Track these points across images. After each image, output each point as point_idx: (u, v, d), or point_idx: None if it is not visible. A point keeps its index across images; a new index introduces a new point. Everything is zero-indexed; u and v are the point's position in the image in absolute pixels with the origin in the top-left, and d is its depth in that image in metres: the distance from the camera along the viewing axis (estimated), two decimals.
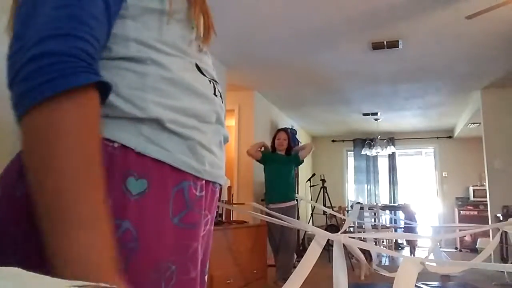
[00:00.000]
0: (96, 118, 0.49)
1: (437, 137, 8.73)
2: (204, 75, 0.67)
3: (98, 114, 0.50)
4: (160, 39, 0.61)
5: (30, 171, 0.47)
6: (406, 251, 7.43)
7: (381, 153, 8.35)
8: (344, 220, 4.34)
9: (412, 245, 6.92)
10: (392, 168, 9.02)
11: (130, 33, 0.58)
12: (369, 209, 6.86)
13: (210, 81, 0.68)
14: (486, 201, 5.77)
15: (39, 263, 0.45)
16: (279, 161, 4.66)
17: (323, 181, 6.19)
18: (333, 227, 6.38)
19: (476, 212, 7.88)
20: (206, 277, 0.76)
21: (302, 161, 4.87)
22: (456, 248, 7.94)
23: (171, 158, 0.58)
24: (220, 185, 0.71)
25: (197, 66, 0.66)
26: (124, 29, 0.58)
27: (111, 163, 0.53)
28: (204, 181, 0.64)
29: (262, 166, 4.81)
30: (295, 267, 2.43)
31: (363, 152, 8.67)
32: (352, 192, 9.22)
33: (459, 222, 7.87)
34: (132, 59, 0.58)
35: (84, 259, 0.45)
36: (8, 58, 0.48)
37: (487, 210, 5.73)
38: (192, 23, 0.65)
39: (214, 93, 0.68)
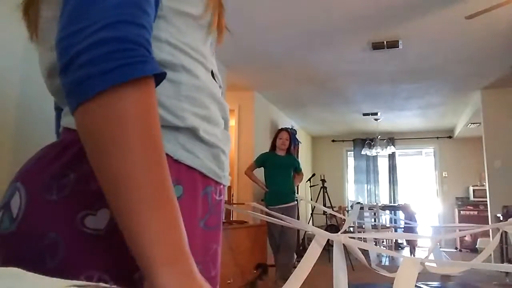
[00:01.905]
0: (156, 106, 0.49)
1: (437, 137, 8.73)
2: (216, 80, 0.68)
3: (156, 103, 0.50)
4: (188, 43, 0.61)
5: (96, 157, 0.46)
6: (406, 251, 7.43)
7: (381, 153, 8.36)
8: (344, 220, 4.34)
9: (412, 245, 6.92)
10: (392, 168, 9.02)
11: (162, 34, 0.58)
12: (369, 209, 6.87)
13: (220, 87, 0.70)
14: (486, 201, 5.77)
15: (78, 271, 0.46)
16: (279, 163, 4.65)
17: (323, 181, 6.19)
18: (333, 227, 6.38)
19: (476, 212, 7.88)
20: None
21: (301, 169, 4.89)
22: (456, 248, 7.94)
23: (201, 165, 0.61)
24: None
25: (212, 72, 0.67)
26: (157, 30, 0.57)
27: None
28: (222, 186, 0.67)
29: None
30: (295, 267, 2.43)
31: (363, 152, 8.67)
32: (352, 192, 9.22)
33: (459, 222, 7.87)
34: (165, 65, 0.58)
35: (163, 239, 0.46)
36: (61, 39, 0.46)
37: (487, 210, 5.73)
38: (210, 28, 0.65)
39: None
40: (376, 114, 7.26)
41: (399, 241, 7.76)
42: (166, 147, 0.54)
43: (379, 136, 8.19)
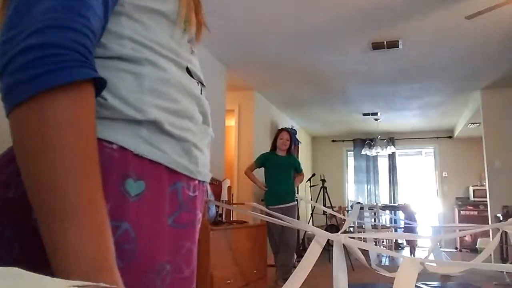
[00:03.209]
0: (91, 113, 0.48)
1: (437, 137, 8.73)
2: (193, 77, 0.67)
3: (93, 109, 0.49)
4: (155, 40, 0.60)
5: (23, 164, 0.46)
6: (406, 251, 7.43)
7: (381, 153, 8.36)
8: (344, 220, 4.34)
9: (412, 245, 6.92)
10: (392, 168, 9.02)
11: (124, 31, 0.58)
12: (369, 209, 6.87)
13: (198, 83, 0.69)
14: (486, 201, 5.77)
15: (38, 267, 0.44)
16: (279, 163, 4.65)
17: (323, 181, 6.19)
18: (333, 227, 6.38)
19: (476, 212, 7.88)
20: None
21: (301, 169, 4.89)
22: (456, 248, 7.94)
23: (167, 159, 0.58)
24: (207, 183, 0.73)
25: (187, 68, 0.66)
26: (119, 27, 0.57)
27: (110, 164, 0.53)
28: (197, 182, 0.65)
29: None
30: (295, 267, 2.43)
31: (363, 152, 8.67)
32: (352, 192, 9.22)
33: (459, 222, 7.88)
34: (128, 59, 0.57)
35: (81, 252, 0.44)
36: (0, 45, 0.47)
37: (487, 210, 5.73)
38: (184, 24, 0.65)
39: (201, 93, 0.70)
40: (376, 114, 7.26)
41: (399, 241, 7.76)
42: (125, 142, 0.55)
43: (379, 136, 8.19)
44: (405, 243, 7.75)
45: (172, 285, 0.59)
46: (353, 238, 2.09)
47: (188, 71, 0.66)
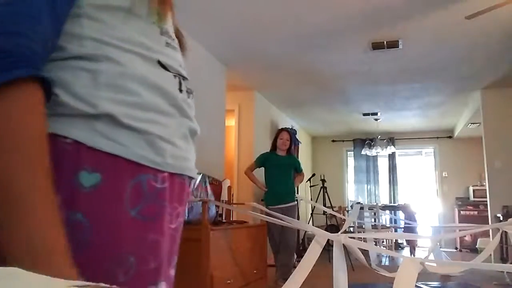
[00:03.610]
0: (36, 111, 0.50)
1: (437, 137, 8.73)
2: (168, 70, 0.67)
3: (38, 108, 0.51)
4: (118, 36, 0.61)
5: None
6: (406, 251, 7.43)
7: (381, 153, 8.36)
8: (344, 220, 4.34)
9: (412, 245, 6.92)
10: (392, 168, 9.02)
11: (84, 31, 0.59)
12: (369, 209, 6.87)
13: (175, 76, 0.69)
14: (486, 201, 5.77)
15: None
16: (279, 163, 4.65)
17: (323, 181, 6.19)
18: (333, 227, 6.38)
19: (476, 212, 7.88)
20: (173, 270, 0.76)
21: (301, 169, 4.89)
22: (456, 248, 7.94)
23: (126, 152, 0.59)
24: (191, 177, 0.72)
25: (159, 62, 0.66)
26: (79, 28, 0.59)
27: (63, 158, 0.55)
28: (166, 174, 0.64)
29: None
30: (295, 267, 2.43)
31: (363, 152, 8.67)
32: (352, 192, 9.22)
33: (459, 222, 7.88)
34: (86, 57, 0.59)
35: (32, 237, 0.46)
36: None
37: (487, 210, 5.73)
38: (153, 17, 0.66)
39: (180, 88, 0.69)
40: (376, 114, 7.26)
41: (399, 241, 7.76)
42: (79, 136, 0.56)
43: (379, 136, 8.19)
44: (405, 243, 7.75)
45: (137, 276, 0.59)
46: (353, 238, 2.09)
47: (161, 64, 0.66)
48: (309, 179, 6.79)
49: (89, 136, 0.57)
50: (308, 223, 5.78)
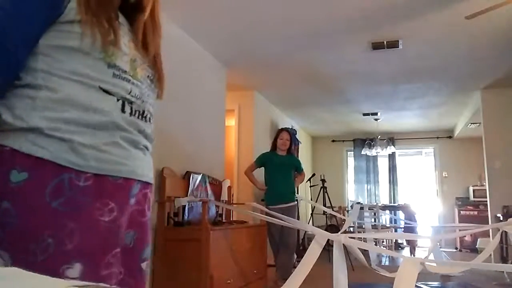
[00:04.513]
0: None
1: (437, 137, 8.73)
2: (112, 94, 0.83)
3: None
4: (65, 69, 0.79)
5: None
6: (406, 251, 7.43)
7: (381, 153, 8.35)
8: (344, 220, 4.34)
9: (412, 245, 6.92)
10: (392, 168, 9.02)
11: (38, 65, 0.78)
12: (369, 209, 6.87)
13: (118, 100, 0.84)
14: (486, 201, 5.77)
15: None
16: (279, 163, 4.65)
17: (323, 181, 6.18)
18: (333, 227, 6.38)
19: (476, 212, 7.88)
20: (144, 264, 0.93)
21: (302, 169, 4.89)
22: (456, 248, 7.94)
23: (50, 155, 0.75)
24: (128, 178, 0.85)
25: (100, 87, 0.81)
26: (35, 62, 0.78)
27: (2, 161, 0.74)
28: (90, 174, 0.78)
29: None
30: (295, 267, 2.43)
31: (363, 152, 8.67)
32: (352, 192, 9.22)
33: (459, 222, 7.87)
34: (32, 86, 0.77)
35: None
36: None
37: (487, 210, 5.73)
38: (101, 54, 0.81)
39: (123, 110, 0.84)
40: (376, 114, 7.26)
41: (399, 241, 7.76)
42: (15, 144, 0.75)
43: (379, 136, 8.19)
44: (405, 243, 7.74)
45: (54, 255, 0.73)
46: (353, 238, 2.09)
47: (103, 89, 0.82)
48: (309, 179, 6.79)
49: (22, 144, 0.75)
50: (308, 223, 5.78)
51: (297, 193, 5.04)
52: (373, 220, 6.69)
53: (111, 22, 0.84)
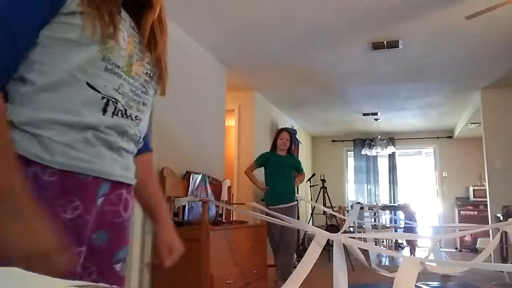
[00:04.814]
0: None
1: (437, 137, 8.73)
2: (98, 91, 0.82)
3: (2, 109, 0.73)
4: (59, 62, 0.78)
5: None
6: (406, 251, 7.43)
7: (381, 153, 8.35)
8: (344, 220, 4.34)
9: (412, 245, 6.92)
10: (392, 168, 9.02)
11: (35, 56, 0.78)
12: (369, 209, 6.87)
13: (103, 98, 0.83)
14: (486, 201, 5.77)
15: None
16: (279, 162, 4.65)
17: (323, 181, 6.19)
18: (333, 227, 6.38)
19: (476, 212, 7.88)
20: (117, 265, 0.92)
21: (302, 169, 4.90)
22: (456, 248, 7.94)
23: (19, 149, 0.75)
24: (96, 177, 0.84)
25: (87, 83, 0.81)
26: (33, 52, 0.78)
27: None
28: (55, 170, 0.78)
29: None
30: (295, 267, 2.44)
31: (363, 152, 8.67)
32: (352, 192, 9.22)
33: (459, 222, 7.88)
34: (18, 79, 0.77)
35: None
36: None
37: (487, 210, 5.73)
38: (98, 47, 0.81)
39: (105, 109, 0.83)
40: (376, 114, 7.26)
41: (399, 241, 7.76)
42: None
43: (379, 136, 8.19)
44: (405, 243, 7.74)
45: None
46: (353, 238, 2.09)
47: (90, 85, 0.81)
48: (309, 179, 6.79)
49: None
50: (308, 223, 5.78)
51: (297, 193, 5.04)
52: (373, 220, 6.69)
53: (112, 16, 0.84)
